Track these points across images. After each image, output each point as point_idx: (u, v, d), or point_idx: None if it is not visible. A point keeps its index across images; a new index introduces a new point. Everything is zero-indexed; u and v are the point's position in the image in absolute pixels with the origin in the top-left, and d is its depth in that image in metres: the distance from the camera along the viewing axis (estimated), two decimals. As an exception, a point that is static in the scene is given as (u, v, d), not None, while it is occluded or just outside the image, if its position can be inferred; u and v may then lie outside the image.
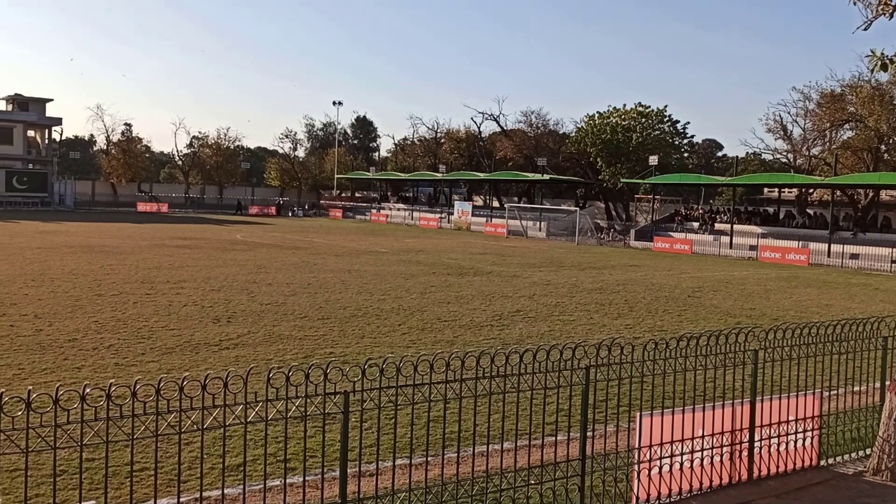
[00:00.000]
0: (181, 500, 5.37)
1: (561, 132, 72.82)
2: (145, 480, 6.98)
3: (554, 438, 6.82)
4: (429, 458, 6.42)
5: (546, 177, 61.67)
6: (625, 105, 62.92)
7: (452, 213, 66.06)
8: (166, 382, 4.86)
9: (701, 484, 7.21)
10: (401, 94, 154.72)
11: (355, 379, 5.67)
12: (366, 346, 13.69)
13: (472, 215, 63.68)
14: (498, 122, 76.71)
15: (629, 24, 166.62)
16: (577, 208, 57.84)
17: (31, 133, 78.75)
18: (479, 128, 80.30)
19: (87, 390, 4.44)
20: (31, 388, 5.19)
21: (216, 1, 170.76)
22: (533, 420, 7.10)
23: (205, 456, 5.30)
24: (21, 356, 11.88)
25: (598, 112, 63.53)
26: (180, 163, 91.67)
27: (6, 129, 74.86)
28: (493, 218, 62.41)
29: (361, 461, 5.84)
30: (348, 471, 5.75)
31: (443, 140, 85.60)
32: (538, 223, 57.60)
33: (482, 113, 79.29)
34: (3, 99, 79.13)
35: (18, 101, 77.69)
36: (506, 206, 64.42)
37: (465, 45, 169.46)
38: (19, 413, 4.36)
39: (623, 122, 61.02)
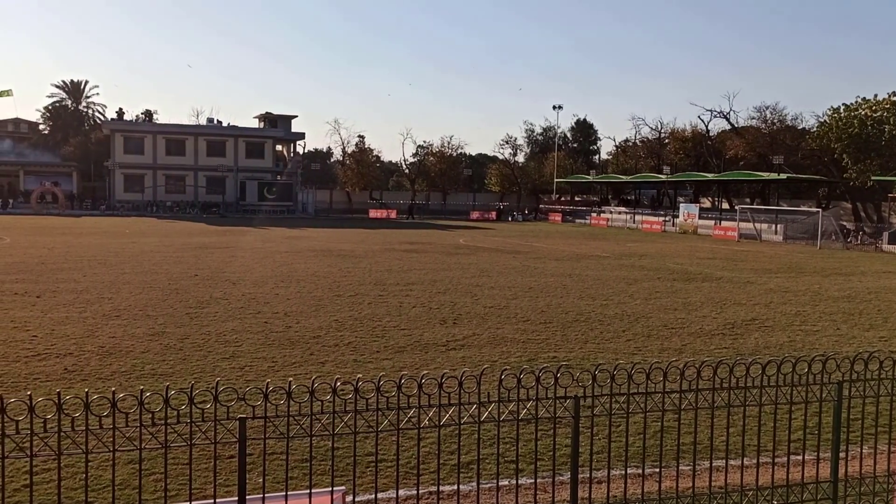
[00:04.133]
0: (419, 491, 5.65)
1: (800, 128, 67.47)
2: (384, 471, 7.40)
3: (800, 457, 6.32)
4: (662, 469, 6.20)
5: (783, 176, 57.47)
6: (876, 95, 56.87)
7: (677, 216, 63.59)
8: (406, 380, 5.12)
9: (980, 521, 6.33)
10: (622, 95, 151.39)
11: (585, 384, 5.62)
12: (589, 351, 13.54)
13: (699, 218, 60.84)
14: (728, 120, 72.75)
15: (871, 14, 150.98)
16: (820, 209, 53.22)
17: (278, 147, 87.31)
18: (706, 126, 76.66)
19: (338, 384, 4.79)
20: (291, 379, 5.70)
21: (444, 23, 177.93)
22: (776, 437, 6.62)
23: (439, 451, 5.51)
24: (274, 350, 13.11)
25: (843, 104, 57.96)
26: (407, 171, 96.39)
27: (258, 145, 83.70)
28: (722, 220, 59.20)
29: (592, 467, 5.77)
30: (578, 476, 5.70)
31: (667, 140, 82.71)
32: (773, 226, 53.83)
33: (710, 110, 75.76)
34: (255, 117, 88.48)
35: (269, 119, 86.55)
36: (737, 207, 60.79)
37: (690, 43, 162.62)
38: (281, 402, 4.80)
39: (874, 114, 55.11)
